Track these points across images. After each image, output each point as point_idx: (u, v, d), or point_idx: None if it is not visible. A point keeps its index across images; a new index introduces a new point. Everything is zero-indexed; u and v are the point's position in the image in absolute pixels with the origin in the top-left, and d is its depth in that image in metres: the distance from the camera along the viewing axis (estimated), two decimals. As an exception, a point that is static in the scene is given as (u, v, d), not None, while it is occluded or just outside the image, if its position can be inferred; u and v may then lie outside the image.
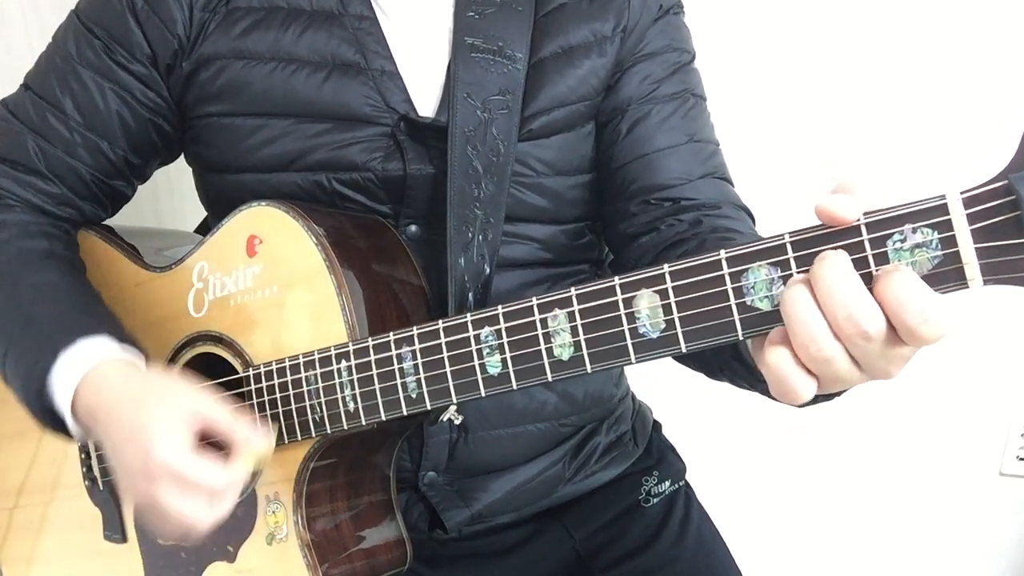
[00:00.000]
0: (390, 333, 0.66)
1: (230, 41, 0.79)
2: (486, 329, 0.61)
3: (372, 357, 0.67)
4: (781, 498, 1.57)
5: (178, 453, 0.64)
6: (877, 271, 0.47)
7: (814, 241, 0.49)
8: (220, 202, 0.85)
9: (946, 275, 0.47)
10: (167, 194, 1.28)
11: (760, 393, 0.64)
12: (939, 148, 1.37)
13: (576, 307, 0.57)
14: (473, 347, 0.62)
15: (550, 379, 0.59)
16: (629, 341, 0.55)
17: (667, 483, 0.94)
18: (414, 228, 0.81)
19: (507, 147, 0.79)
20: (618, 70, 0.83)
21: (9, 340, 0.75)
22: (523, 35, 0.81)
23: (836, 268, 0.47)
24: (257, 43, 0.79)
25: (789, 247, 0.50)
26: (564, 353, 0.58)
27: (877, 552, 1.59)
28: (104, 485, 0.85)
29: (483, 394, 0.62)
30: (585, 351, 0.57)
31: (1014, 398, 1.50)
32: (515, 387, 0.60)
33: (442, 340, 0.63)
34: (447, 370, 0.63)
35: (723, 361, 0.67)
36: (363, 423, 0.69)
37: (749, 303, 0.51)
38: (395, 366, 0.66)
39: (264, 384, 0.74)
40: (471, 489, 0.86)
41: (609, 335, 0.56)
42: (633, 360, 0.55)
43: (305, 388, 0.71)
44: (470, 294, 0.78)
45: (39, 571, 0.90)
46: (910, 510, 1.56)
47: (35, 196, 0.83)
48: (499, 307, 0.60)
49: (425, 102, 0.80)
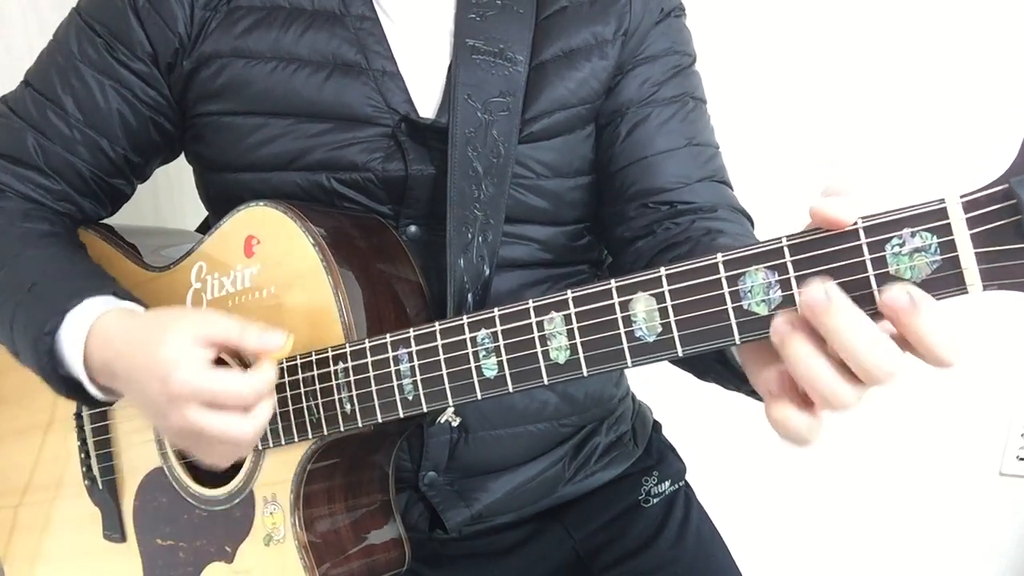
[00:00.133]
0: (387, 335, 0.66)
1: (231, 40, 0.79)
2: (482, 331, 0.61)
3: (369, 359, 0.67)
4: (781, 498, 1.57)
5: (198, 372, 0.64)
6: (881, 289, 0.46)
7: (812, 245, 0.48)
8: (220, 201, 0.85)
9: (945, 280, 0.46)
10: (167, 193, 1.28)
11: (745, 395, 0.64)
12: (938, 149, 1.37)
13: (572, 310, 0.57)
14: (469, 349, 0.61)
15: (546, 382, 0.58)
16: (625, 344, 0.55)
17: (667, 483, 0.94)
18: (414, 228, 0.81)
19: (507, 149, 0.79)
20: (619, 73, 0.83)
21: (14, 309, 0.74)
22: (524, 37, 0.81)
23: (848, 318, 0.46)
24: (258, 42, 0.79)
25: (786, 251, 0.49)
26: (560, 356, 0.57)
27: (877, 552, 1.59)
28: (103, 484, 0.85)
29: (479, 397, 0.62)
30: (581, 354, 0.57)
31: (1014, 398, 1.50)
32: (511, 390, 0.60)
33: (439, 342, 0.63)
34: (443, 372, 0.63)
35: (708, 364, 0.67)
36: (360, 425, 0.69)
37: (746, 307, 0.51)
38: (391, 368, 0.66)
39: (262, 384, 0.74)
40: (471, 489, 0.86)
41: (605, 338, 0.55)
42: (630, 364, 0.55)
43: (302, 389, 0.71)
44: (469, 295, 0.78)
45: (41, 570, 0.90)
46: (910, 510, 1.56)
47: (34, 191, 0.83)
48: (495, 310, 0.60)
49: (426, 103, 0.80)
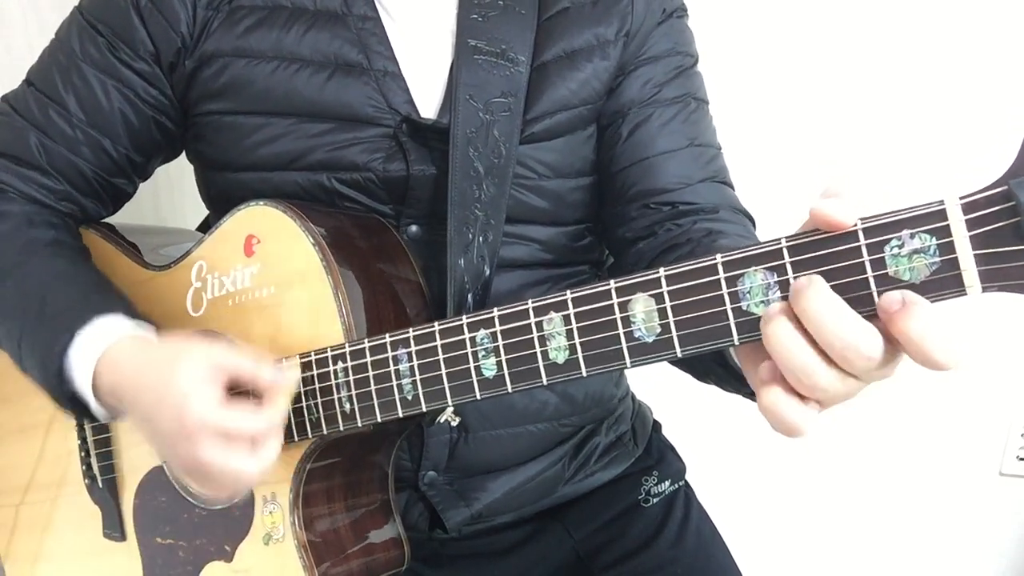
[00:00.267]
0: (386, 335, 0.66)
1: (233, 39, 0.79)
2: (482, 332, 0.61)
3: (368, 359, 0.67)
4: (781, 498, 1.57)
5: (212, 407, 0.64)
6: (879, 291, 0.47)
7: (811, 246, 0.48)
8: (221, 200, 0.85)
9: (944, 282, 0.46)
10: (167, 192, 1.28)
11: (745, 397, 0.64)
12: (937, 149, 1.37)
13: (572, 310, 0.56)
14: (469, 349, 0.61)
15: (545, 382, 0.58)
16: (624, 345, 0.55)
17: (667, 483, 0.94)
18: (415, 228, 0.81)
19: (509, 149, 0.79)
20: (620, 73, 0.83)
21: (23, 326, 0.74)
22: (526, 38, 0.81)
23: (819, 298, 0.46)
24: (260, 42, 0.79)
25: (785, 252, 0.49)
26: (559, 356, 0.57)
27: (877, 552, 1.59)
28: (103, 483, 0.85)
29: (479, 396, 0.62)
30: (580, 354, 0.57)
31: (1014, 398, 1.50)
32: (510, 390, 0.60)
33: (438, 342, 0.63)
34: (443, 372, 0.63)
35: (707, 365, 0.67)
36: (359, 424, 0.69)
37: (745, 308, 0.51)
38: (391, 368, 0.66)
39: (262, 384, 0.74)
40: (471, 489, 0.86)
41: (604, 339, 0.55)
42: (628, 364, 0.55)
43: (302, 389, 0.71)
44: (469, 295, 0.78)
45: (42, 568, 0.90)
46: (910, 510, 1.56)
47: (37, 191, 0.83)
48: (494, 310, 0.60)
49: (427, 103, 0.80)
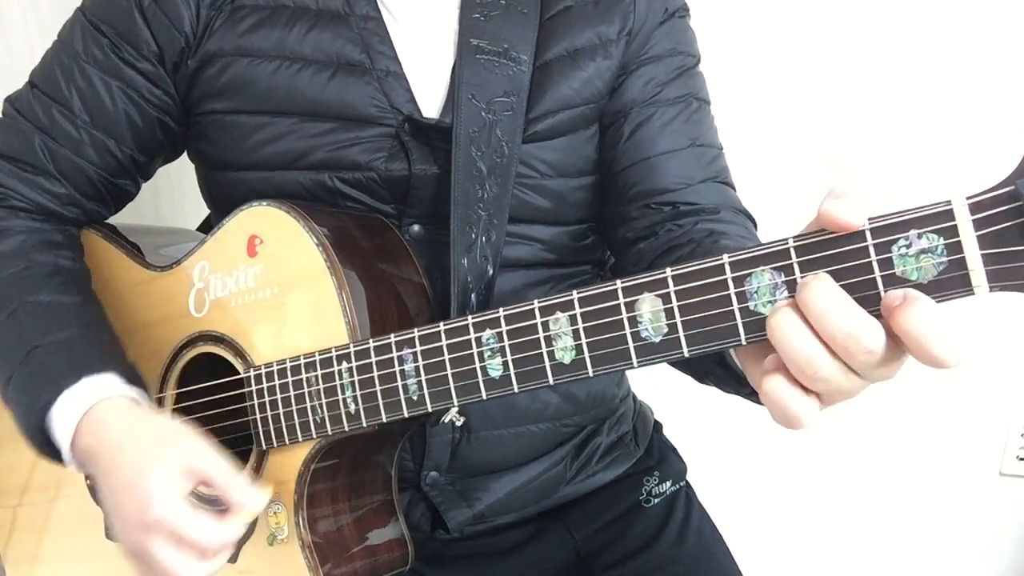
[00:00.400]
0: (391, 335, 0.66)
1: (235, 38, 0.78)
2: (487, 332, 0.61)
3: (373, 359, 0.67)
4: (782, 498, 1.57)
5: (176, 509, 0.64)
6: (886, 291, 0.47)
7: (818, 246, 0.48)
8: (223, 200, 0.85)
9: (951, 282, 0.46)
10: (167, 192, 1.28)
11: (744, 398, 0.64)
12: (942, 149, 1.37)
13: (578, 310, 0.56)
14: (474, 349, 0.61)
15: (551, 382, 0.58)
16: (631, 345, 0.55)
17: (668, 483, 0.94)
18: (417, 228, 0.81)
19: (511, 148, 0.78)
20: (622, 73, 0.82)
21: (12, 367, 0.74)
22: (528, 37, 0.81)
23: (824, 291, 0.46)
24: (262, 41, 0.78)
25: (793, 252, 0.49)
26: (566, 356, 0.57)
27: (877, 552, 1.59)
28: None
29: (484, 397, 0.62)
30: (587, 354, 0.56)
31: (1014, 398, 1.50)
32: (516, 390, 0.60)
33: (443, 342, 0.63)
34: (448, 372, 0.63)
35: (707, 367, 0.67)
36: (364, 424, 0.68)
37: (752, 307, 0.51)
38: (396, 368, 0.66)
39: (265, 385, 0.74)
40: (473, 489, 0.86)
41: (611, 339, 0.55)
42: (635, 364, 0.55)
43: (306, 389, 0.71)
44: (473, 295, 0.78)
45: (42, 569, 0.90)
46: (910, 510, 1.56)
47: (41, 196, 0.82)
48: (500, 310, 0.60)
49: (429, 103, 0.80)
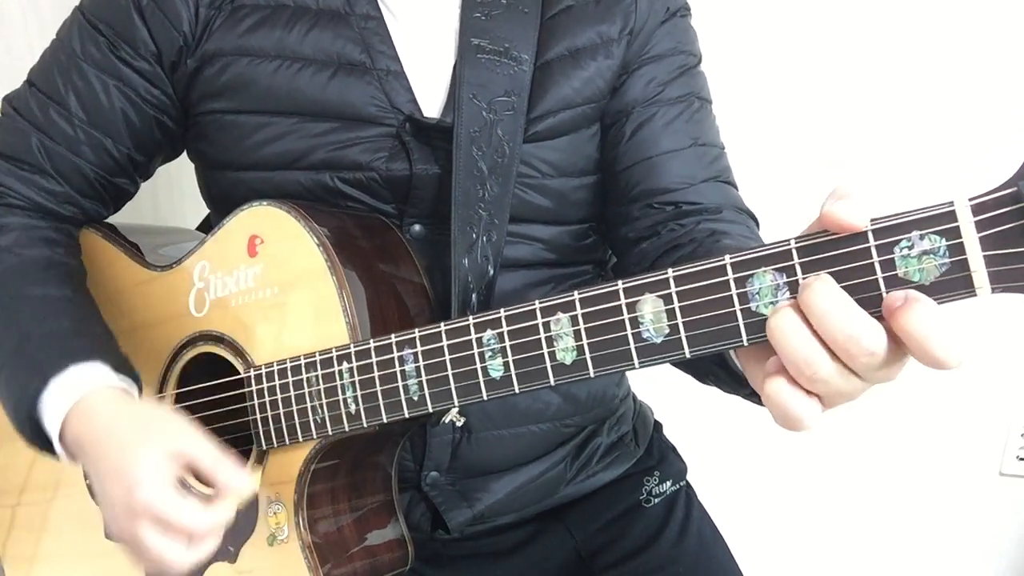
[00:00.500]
0: (392, 335, 0.66)
1: (235, 38, 0.78)
2: (488, 332, 0.60)
3: (374, 359, 0.67)
4: (782, 498, 1.57)
5: (162, 494, 0.64)
6: (888, 292, 0.47)
7: (820, 247, 0.48)
8: (223, 200, 0.85)
9: (954, 283, 0.46)
10: (167, 192, 1.28)
11: (744, 398, 0.64)
12: (941, 149, 1.37)
13: (579, 311, 0.56)
14: (475, 350, 0.61)
15: (553, 383, 0.58)
16: (632, 346, 0.55)
17: (668, 483, 0.94)
18: (418, 228, 0.81)
19: (512, 148, 0.78)
20: (624, 72, 0.82)
21: (3, 359, 0.75)
22: (529, 36, 0.81)
23: (825, 292, 0.46)
24: (262, 40, 0.78)
25: (795, 253, 0.49)
26: (567, 357, 0.57)
27: (877, 552, 1.59)
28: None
29: (485, 397, 0.61)
30: (588, 355, 0.56)
31: (1014, 398, 1.50)
32: (517, 391, 0.60)
33: (444, 343, 0.63)
34: (449, 373, 0.63)
35: (707, 367, 0.67)
36: (364, 425, 0.68)
37: (754, 309, 0.50)
38: (397, 368, 0.66)
39: (265, 385, 0.74)
40: (473, 489, 0.86)
41: (612, 339, 0.55)
42: (636, 365, 0.55)
43: (306, 389, 0.71)
44: (473, 295, 0.78)
45: (41, 569, 0.90)
46: (910, 510, 1.56)
47: (38, 194, 0.82)
48: (501, 310, 0.60)
49: (430, 103, 0.80)
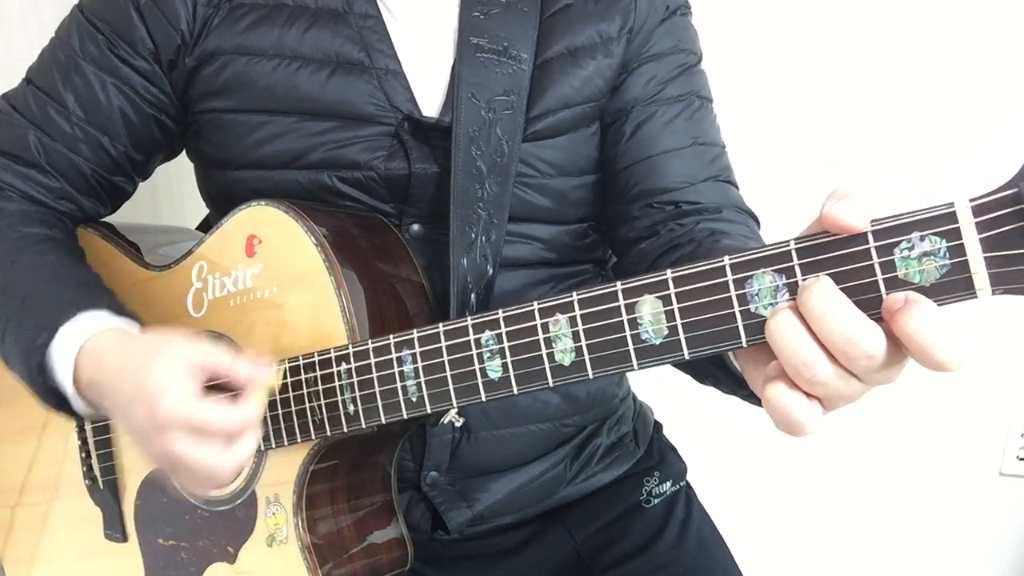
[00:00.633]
0: (390, 336, 0.66)
1: (234, 37, 0.78)
2: (487, 333, 0.60)
3: (372, 360, 0.67)
4: (782, 498, 1.57)
5: (185, 401, 0.63)
6: (888, 294, 0.47)
7: (820, 248, 0.48)
8: (222, 199, 0.85)
9: (954, 284, 0.45)
10: (166, 191, 1.28)
11: (742, 399, 0.64)
12: (941, 148, 1.37)
13: (578, 312, 0.56)
14: (474, 351, 0.61)
15: (551, 384, 0.58)
16: (631, 347, 0.54)
17: (668, 484, 0.94)
18: (417, 227, 0.81)
19: (511, 147, 0.78)
20: (624, 71, 0.82)
21: (7, 321, 0.74)
22: (528, 35, 0.80)
23: (824, 294, 0.46)
24: (261, 39, 0.78)
25: (794, 254, 0.49)
26: (565, 358, 0.57)
27: (877, 552, 1.59)
28: (104, 484, 0.85)
29: (484, 398, 0.61)
30: (587, 356, 0.56)
31: (1014, 398, 1.50)
32: (516, 392, 0.60)
33: (442, 344, 0.63)
34: (447, 374, 0.63)
35: (706, 368, 0.66)
36: (363, 426, 0.68)
37: (753, 310, 0.50)
38: (395, 369, 0.66)
39: (264, 385, 0.74)
40: (473, 489, 0.86)
41: (611, 341, 0.55)
42: (635, 366, 0.55)
43: (305, 390, 0.71)
44: (472, 294, 0.78)
45: (41, 570, 0.90)
46: (910, 510, 1.56)
47: (34, 189, 0.82)
48: (500, 311, 0.60)
49: (429, 102, 0.80)
